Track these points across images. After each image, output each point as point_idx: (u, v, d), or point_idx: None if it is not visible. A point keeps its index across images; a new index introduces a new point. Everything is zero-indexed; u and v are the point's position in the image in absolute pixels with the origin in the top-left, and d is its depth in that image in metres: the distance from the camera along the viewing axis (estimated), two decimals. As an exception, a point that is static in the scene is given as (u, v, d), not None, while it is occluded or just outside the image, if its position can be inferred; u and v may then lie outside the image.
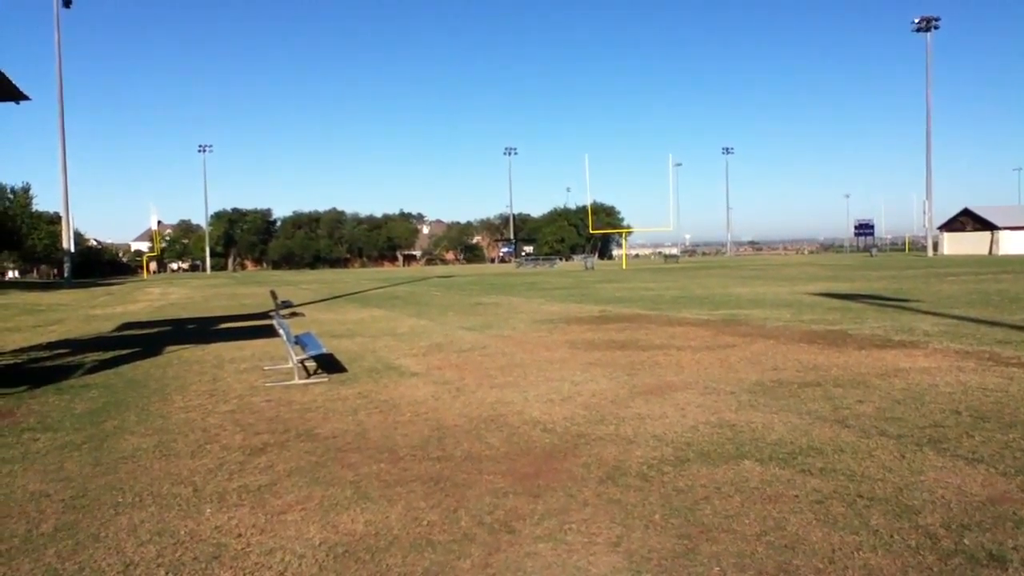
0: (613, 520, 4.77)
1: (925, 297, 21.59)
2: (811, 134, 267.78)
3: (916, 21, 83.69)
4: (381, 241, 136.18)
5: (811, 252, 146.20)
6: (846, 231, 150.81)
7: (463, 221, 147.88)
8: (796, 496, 5.10)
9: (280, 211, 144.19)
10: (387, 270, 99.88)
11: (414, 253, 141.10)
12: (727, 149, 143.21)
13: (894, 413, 7.38)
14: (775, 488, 5.28)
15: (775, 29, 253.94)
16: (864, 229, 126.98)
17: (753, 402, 8.09)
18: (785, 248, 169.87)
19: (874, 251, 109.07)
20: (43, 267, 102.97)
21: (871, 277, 35.25)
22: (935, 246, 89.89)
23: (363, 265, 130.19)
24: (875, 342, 12.35)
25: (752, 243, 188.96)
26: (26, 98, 13.16)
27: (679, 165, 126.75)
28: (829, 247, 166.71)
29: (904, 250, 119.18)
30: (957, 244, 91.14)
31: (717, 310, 19.51)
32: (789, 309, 18.98)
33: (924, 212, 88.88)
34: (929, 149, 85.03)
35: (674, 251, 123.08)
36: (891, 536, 4.38)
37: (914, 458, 5.88)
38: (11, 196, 73.13)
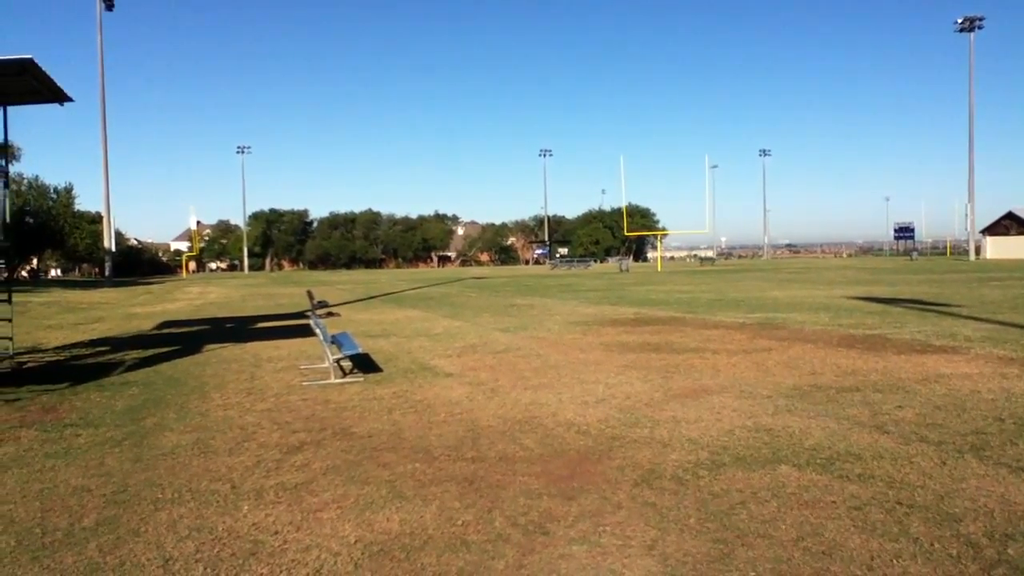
0: (648, 523, 4.74)
1: (967, 302, 21.22)
2: (850, 136, 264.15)
3: (959, 21, 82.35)
4: (416, 242, 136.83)
5: (850, 255, 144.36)
6: (886, 234, 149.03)
7: (498, 223, 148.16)
8: (834, 502, 5.04)
9: (317, 212, 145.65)
10: (422, 271, 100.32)
11: (448, 254, 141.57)
12: (764, 151, 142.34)
13: (935, 419, 7.26)
14: (812, 494, 5.22)
15: (813, 30, 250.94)
16: (904, 232, 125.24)
17: (790, 406, 8.01)
18: (823, 251, 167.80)
19: (914, 255, 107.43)
20: (85, 266, 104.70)
21: (911, 281, 34.73)
22: (977, 250, 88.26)
23: (398, 266, 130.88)
24: (915, 347, 12.16)
25: (789, 246, 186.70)
26: (70, 99, 13.38)
27: (715, 167, 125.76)
28: (868, 250, 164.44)
29: (945, 254, 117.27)
30: (1000, 248, 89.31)
31: (753, 313, 19.33)
32: (827, 313, 18.75)
33: (966, 215, 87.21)
34: (972, 150, 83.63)
35: (710, 254, 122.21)
36: (931, 544, 4.31)
37: (955, 465, 5.78)
38: (54, 196, 74.36)
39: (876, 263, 79.21)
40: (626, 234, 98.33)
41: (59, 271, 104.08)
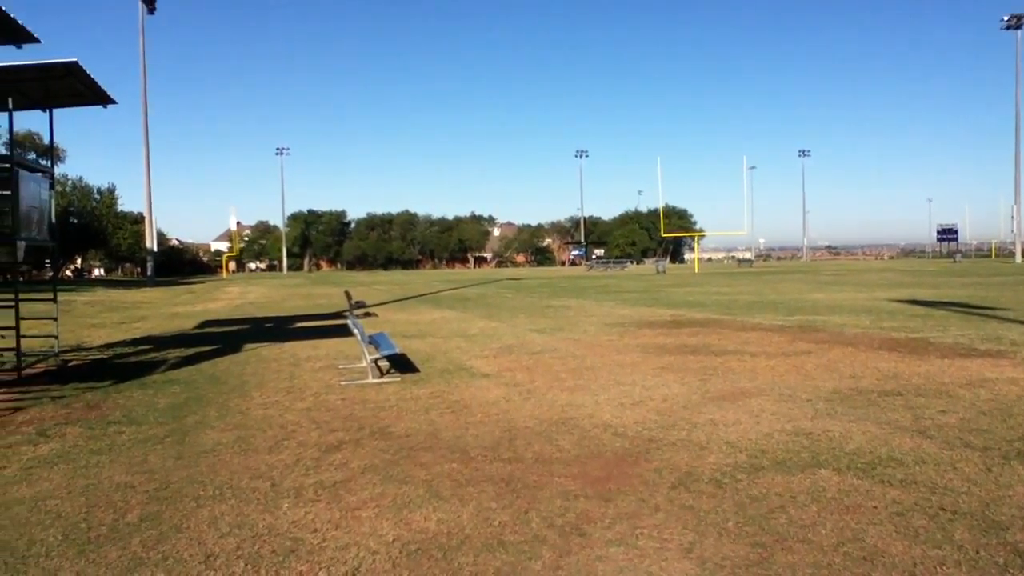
0: (685, 526, 4.72)
1: (1013, 305, 20.81)
2: (892, 135, 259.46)
3: (1006, 19, 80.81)
4: (452, 243, 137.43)
5: (891, 257, 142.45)
6: (928, 236, 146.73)
7: (533, 224, 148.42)
8: (875, 507, 4.97)
9: (354, 213, 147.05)
10: (458, 272, 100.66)
11: (485, 255, 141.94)
12: (803, 151, 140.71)
13: (979, 424, 7.13)
14: (853, 498, 5.15)
15: (852, 27, 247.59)
16: (947, 234, 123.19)
17: (830, 410, 7.92)
18: (864, 253, 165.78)
19: (958, 257, 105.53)
20: (127, 265, 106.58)
21: (955, 284, 34.13)
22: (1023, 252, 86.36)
23: (434, 267, 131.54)
24: (959, 351, 11.95)
25: (829, 247, 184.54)
26: (113, 102, 13.64)
27: (753, 168, 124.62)
28: (910, 252, 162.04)
29: (990, 256, 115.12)
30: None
31: (792, 316, 19.13)
32: (868, 316, 18.50)
33: (1012, 217, 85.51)
34: (1018, 150, 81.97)
35: (748, 255, 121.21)
36: (977, 552, 4.23)
37: (1001, 472, 5.67)
38: (97, 196, 75.90)
39: (918, 265, 77.99)
40: (663, 235, 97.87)
41: (102, 271, 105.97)
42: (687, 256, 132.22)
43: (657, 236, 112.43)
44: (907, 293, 27.40)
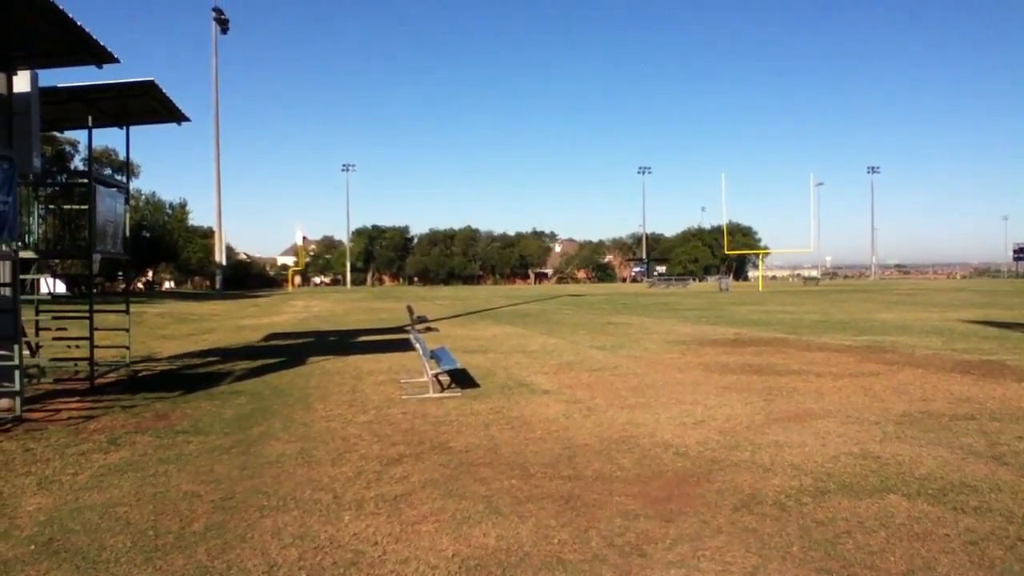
0: (748, 549, 4.63)
1: (1094, 327, 20.01)
2: (965, 151, 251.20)
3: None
4: (513, 259, 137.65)
5: (964, 277, 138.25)
6: (1004, 255, 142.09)
7: (595, 240, 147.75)
8: (947, 535, 4.82)
9: (417, 228, 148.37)
10: (518, 287, 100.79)
11: (545, 271, 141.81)
12: (873, 168, 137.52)
13: (1059, 452, 6.86)
14: (923, 525, 5.00)
15: (923, 37, 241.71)
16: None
17: (900, 433, 7.71)
18: (935, 272, 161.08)
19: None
20: (196, 278, 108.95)
21: (1032, 305, 32.96)
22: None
23: (495, 282, 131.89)
24: (1036, 374, 11.53)
25: (899, 266, 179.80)
26: (187, 119, 14.04)
27: (821, 184, 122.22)
28: (984, 272, 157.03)
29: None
30: None
31: (860, 336, 18.70)
32: (940, 337, 17.99)
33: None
34: (1099, 168, 79.03)
35: (814, 273, 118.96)
36: (1056, 584, 4.06)
37: (1082, 501, 5.44)
38: (169, 211, 77.94)
39: (993, 285, 75.58)
40: (726, 252, 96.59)
41: (172, 283, 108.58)
42: (751, 274, 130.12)
43: (720, 253, 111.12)
44: (980, 314, 26.56)
